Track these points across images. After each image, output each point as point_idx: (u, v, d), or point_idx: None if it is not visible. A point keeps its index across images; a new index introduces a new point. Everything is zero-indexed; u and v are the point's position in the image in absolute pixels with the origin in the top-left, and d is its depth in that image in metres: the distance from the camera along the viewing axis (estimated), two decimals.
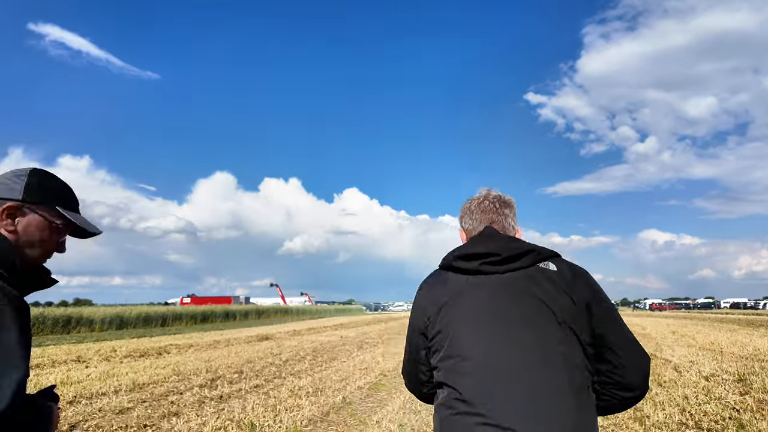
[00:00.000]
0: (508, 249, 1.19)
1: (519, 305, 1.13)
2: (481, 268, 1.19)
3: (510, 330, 1.11)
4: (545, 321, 1.11)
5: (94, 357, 10.67)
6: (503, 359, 1.09)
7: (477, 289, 1.18)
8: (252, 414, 5.07)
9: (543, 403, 1.04)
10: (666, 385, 6.44)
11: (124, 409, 5.40)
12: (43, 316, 20.08)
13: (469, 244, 1.27)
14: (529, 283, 1.15)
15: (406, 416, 4.96)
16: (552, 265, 1.19)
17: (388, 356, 10.49)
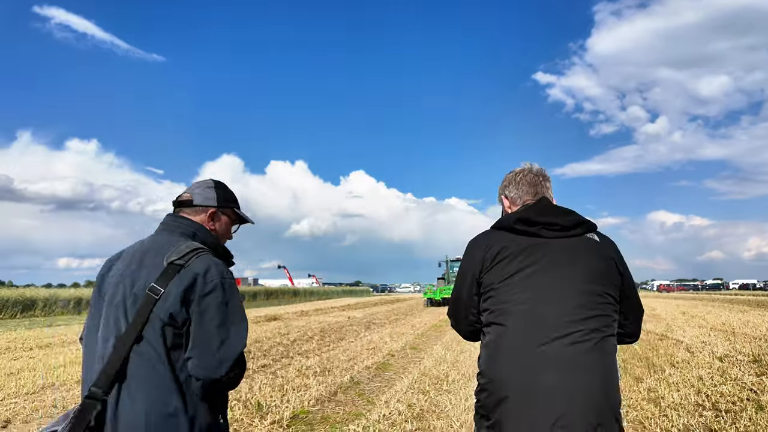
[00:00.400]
0: (566, 220, 1.42)
1: (568, 266, 1.36)
2: (540, 232, 1.39)
3: (558, 283, 1.34)
4: (589, 279, 1.35)
5: None
6: (548, 305, 1.31)
7: (534, 249, 1.38)
8: (259, 394, 5.03)
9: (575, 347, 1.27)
10: (679, 365, 6.32)
11: None
12: (54, 297, 20.35)
13: (528, 210, 1.46)
14: (578, 248, 1.39)
15: (415, 396, 4.89)
16: (596, 237, 1.44)
17: (395, 336, 10.47)
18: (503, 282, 1.36)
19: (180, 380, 1.21)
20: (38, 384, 5.54)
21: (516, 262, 1.37)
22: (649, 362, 6.63)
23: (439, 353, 7.73)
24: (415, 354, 8.12)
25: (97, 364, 1.21)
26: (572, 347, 1.27)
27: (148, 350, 1.19)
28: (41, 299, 19.83)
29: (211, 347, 1.21)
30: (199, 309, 1.23)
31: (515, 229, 1.42)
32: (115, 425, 1.16)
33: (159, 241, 1.34)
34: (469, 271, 1.46)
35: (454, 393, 4.98)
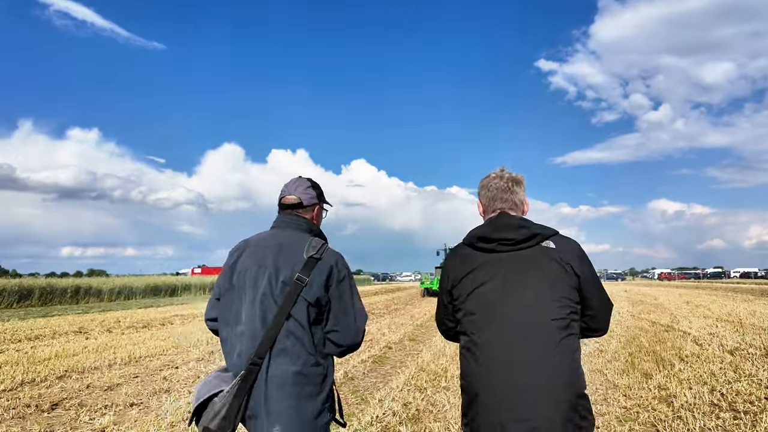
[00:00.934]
0: (519, 234, 1.54)
1: (525, 274, 1.49)
2: (496, 248, 1.55)
3: (516, 292, 1.47)
4: (543, 285, 1.47)
5: (96, 328, 10.53)
6: (510, 312, 1.46)
7: (493, 263, 1.54)
8: None
9: (533, 344, 1.42)
10: (689, 360, 6.04)
11: (114, 386, 5.13)
12: (51, 287, 20.14)
13: (487, 227, 1.60)
14: (532, 258, 1.52)
15: (411, 394, 4.63)
16: (552, 243, 1.54)
17: (394, 327, 10.22)
18: (470, 294, 1.53)
19: (317, 348, 1.57)
20: (17, 380, 5.28)
21: (479, 276, 1.53)
22: (657, 356, 6.36)
23: (439, 346, 7.47)
24: (414, 346, 7.86)
25: (250, 339, 1.53)
26: (535, 349, 1.41)
27: (295, 326, 1.53)
28: (38, 288, 19.63)
29: (350, 321, 1.61)
30: (338, 292, 1.60)
31: (476, 246, 1.59)
32: (268, 382, 1.49)
33: (291, 237, 1.67)
34: (444, 284, 1.64)
35: (453, 391, 4.71)
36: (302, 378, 1.51)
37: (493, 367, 1.42)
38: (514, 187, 1.66)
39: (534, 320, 1.43)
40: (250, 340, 1.52)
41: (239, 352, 1.54)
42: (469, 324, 1.50)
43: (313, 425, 1.52)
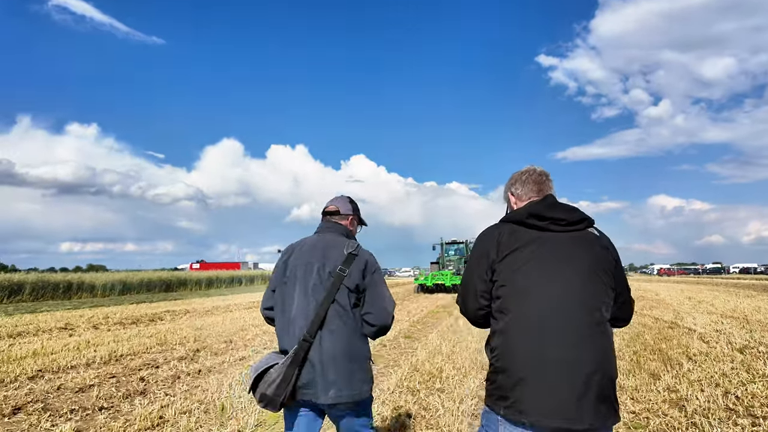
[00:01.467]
0: (572, 216, 1.57)
1: (573, 256, 1.51)
2: (548, 226, 1.54)
3: (565, 271, 1.48)
4: (591, 268, 1.50)
5: (82, 325, 10.21)
6: (558, 291, 1.45)
7: (543, 241, 1.53)
8: (227, 394, 4.45)
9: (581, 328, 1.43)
10: (697, 359, 5.73)
11: (86, 387, 4.81)
12: (42, 282, 19.81)
13: (538, 205, 1.59)
14: (581, 241, 1.55)
15: (403, 397, 4.31)
16: (595, 231, 1.60)
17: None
18: (516, 270, 1.49)
19: (357, 327, 1.88)
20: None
21: (527, 253, 1.50)
22: (663, 355, 6.05)
23: (434, 343, 7.15)
24: (409, 344, 7.55)
25: (303, 319, 1.83)
26: (580, 328, 1.41)
27: (339, 308, 1.84)
28: (29, 284, 19.30)
29: (382, 305, 1.91)
30: (372, 281, 1.92)
31: (526, 223, 1.55)
32: (321, 355, 1.78)
33: (332, 239, 2.01)
34: (483, 259, 1.57)
35: (447, 392, 4.39)
36: (348, 351, 1.82)
37: (544, 347, 1.40)
38: (548, 181, 1.72)
39: (584, 302, 1.44)
40: (303, 321, 1.83)
41: (292, 333, 1.84)
42: (514, 302, 1.48)
43: (360, 390, 1.84)
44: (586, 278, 1.47)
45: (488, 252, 1.55)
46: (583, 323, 1.42)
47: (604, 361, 1.41)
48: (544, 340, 1.40)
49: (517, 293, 1.47)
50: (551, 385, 1.37)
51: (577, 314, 1.42)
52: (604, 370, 1.41)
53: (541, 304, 1.44)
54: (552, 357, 1.39)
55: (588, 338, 1.41)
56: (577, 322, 1.42)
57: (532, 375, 1.39)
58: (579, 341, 1.40)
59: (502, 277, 1.50)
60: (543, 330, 1.41)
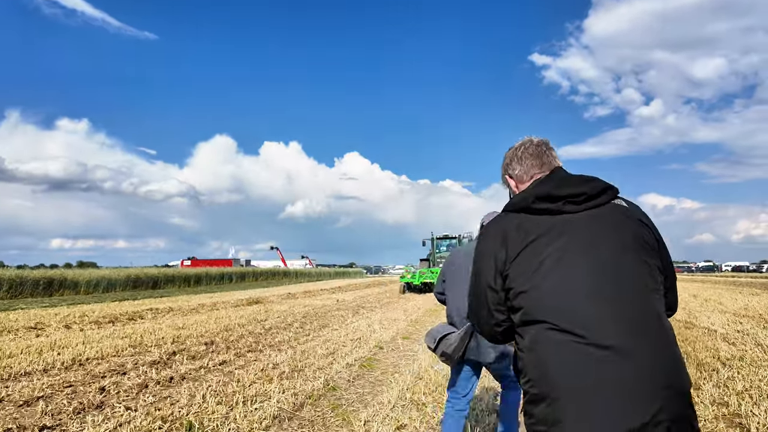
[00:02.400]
0: (590, 188, 1.21)
1: (607, 240, 1.16)
2: (564, 208, 1.20)
3: (602, 262, 1.14)
4: (634, 250, 1.16)
5: (53, 324, 9.44)
6: (599, 288, 1.11)
7: (563, 228, 1.18)
8: (199, 408, 3.76)
9: (643, 325, 1.09)
10: (731, 363, 5.13)
11: (33, 400, 4.09)
12: (21, 278, 18.92)
13: (546, 184, 1.24)
14: (611, 218, 1.19)
15: (407, 412, 3.65)
16: (623, 202, 1.24)
17: (386, 323, 9.26)
18: (536, 271, 1.15)
19: None
20: None
21: (546, 247, 1.16)
22: (692, 358, 5.45)
23: None
24: (408, 346, 6.90)
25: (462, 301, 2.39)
26: (636, 329, 1.08)
27: None
28: (6, 280, 18.40)
29: None
30: None
31: (534, 209, 1.22)
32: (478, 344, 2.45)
33: None
34: (489, 266, 1.23)
35: None
36: None
37: (591, 362, 1.06)
38: (549, 150, 1.40)
39: (633, 293, 1.12)
40: (462, 302, 2.35)
41: (458, 310, 2.52)
42: (542, 311, 1.13)
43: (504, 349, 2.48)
44: (629, 263, 1.15)
45: (494, 254, 1.22)
46: (637, 321, 1.09)
47: (672, 369, 1.07)
48: (591, 353, 1.06)
49: (544, 300, 1.13)
50: (608, 413, 1.02)
51: (628, 311, 1.10)
52: (675, 383, 1.06)
53: (579, 308, 1.10)
54: (604, 374, 1.04)
55: (648, 340, 1.08)
56: (628, 322, 1.08)
57: (581, 402, 1.04)
58: (637, 347, 1.06)
59: (519, 283, 1.17)
60: (587, 341, 1.07)
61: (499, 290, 1.22)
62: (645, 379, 1.04)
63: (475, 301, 1.30)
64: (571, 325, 1.09)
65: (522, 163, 1.38)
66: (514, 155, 1.41)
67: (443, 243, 22.61)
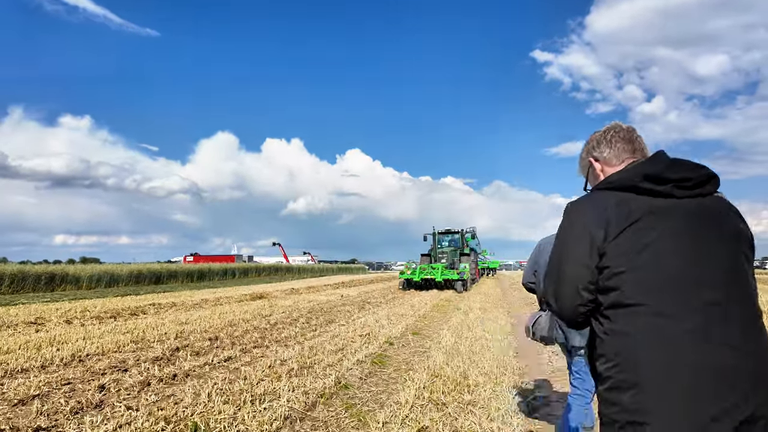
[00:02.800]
0: (698, 174, 1.18)
1: (714, 229, 1.15)
2: (672, 191, 1.16)
3: (706, 251, 1.12)
4: (738, 245, 1.15)
5: (54, 319, 9.24)
6: (701, 277, 1.09)
7: (670, 211, 1.15)
8: (204, 408, 3.53)
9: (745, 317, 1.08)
10: None
11: (29, 398, 3.87)
12: (23, 273, 18.75)
13: (654, 165, 1.20)
14: (717, 209, 1.18)
15: (426, 413, 3.41)
16: (723, 196, 1.23)
17: (394, 319, 9.02)
18: (639, 252, 1.11)
19: None
20: None
21: (650, 229, 1.12)
22: None
23: (449, 342, 6.27)
24: (419, 342, 6.66)
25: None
26: (738, 327, 1.06)
27: None
28: (8, 275, 18.23)
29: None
30: None
31: (640, 188, 1.17)
32: None
33: None
34: (584, 241, 1.17)
35: (483, 407, 3.51)
36: None
37: (692, 350, 1.03)
38: (639, 137, 1.37)
39: (740, 288, 1.10)
40: None
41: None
42: (642, 294, 1.08)
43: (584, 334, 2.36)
44: (734, 256, 1.12)
45: (591, 231, 1.17)
46: (739, 313, 1.07)
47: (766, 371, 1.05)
48: (690, 341, 1.04)
49: (644, 282, 1.10)
50: (706, 405, 1.00)
51: (732, 302, 1.07)
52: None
53: (681, 294, 1.07)
54: (703, 364, 1.02)
55: (751, 333, 1.07)
56: (731, 313, 1.06)
57: (680, 391, 1.02)
58: (740, 339, 1.05)
59: (618, 262, 1.13)
60: (686, 328, 1.04)
61: (592, 268, 1.16)
62: (747, 373, 1.02)
63: (558, 280, 1.23)
64: (670, 310, 1.06)
65: (613, 146, 1.35)
66: (602, 138, 1.38)
67: (445, 238, 21.74)
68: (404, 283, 18.28)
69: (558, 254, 1.25)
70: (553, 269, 1.26)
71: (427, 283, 17.84)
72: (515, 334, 7.64)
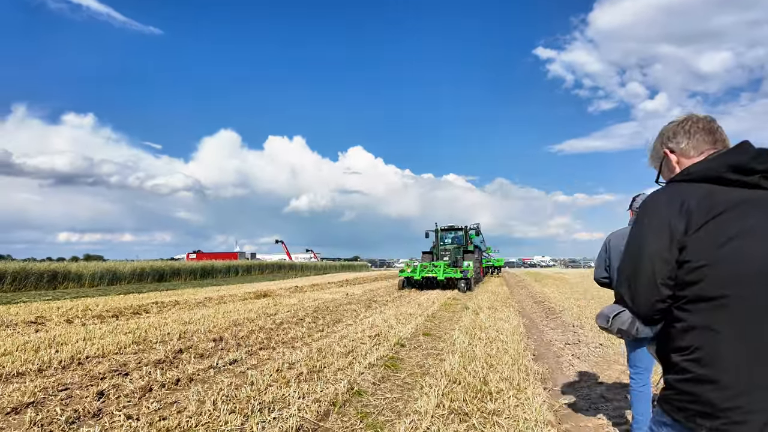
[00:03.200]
0: None
1: None
2: (760, 182, 1.13)
3: None
4: None
5: (55, 318, 9.03)
6: None
7: (758, 204, 1.11)
8: (209, 418, 3.29)
9: None
10: None
11: (23, 406, 3.63)
12: (25, 271, 18.58)
13: (740, 155, 1.16)
14: None
15: (451, 424, 3.16)
16: None
17: (402, 318, 8.77)
18: (724, 244, 1.08)
19: None
20: None
21: (735, 222, 1.09)
22: None
23: (463, 344, 6.02)
24: (431, 344, 6.41)
25: None
26: None
27: None
28: (11, 273, 18.07)
29: None
30: None
31: (725, 179, 1.14)
32: None
33: None
34: (664, 234, 1.15)
35: (509, 417, 3.25)
36: None
37: None
38: (720, 128, 1.31)
39: None
40: None
41: None
42: (729, 287, 1.06)
43: None
44: None
45: (671, 223, 1.12)
46: None
47: None
48: None
49: (729, 275, 1.06)
50: None
51: None
52: None
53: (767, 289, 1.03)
54: None
55: None
56: None
57: (764, 391, 1.02)
58: None
59: (700, 256, 1.08)
60: None
61: (672, 261, 1.14)
62: None
63: (635, 275, 1.20)
64: (756, 305, 1.05)
65: (691, 137, 1.31)
66: (680, 129, 1.34)
67: (448, 235, 20.92)
68: (404, 281, 17.13)
69: (635, 248, 1.21)
70: (629, 264, 1.22)
71: (428, 281, 16.87)
72: (530, 335, 7.38)
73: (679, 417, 1.12)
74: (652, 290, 1.16)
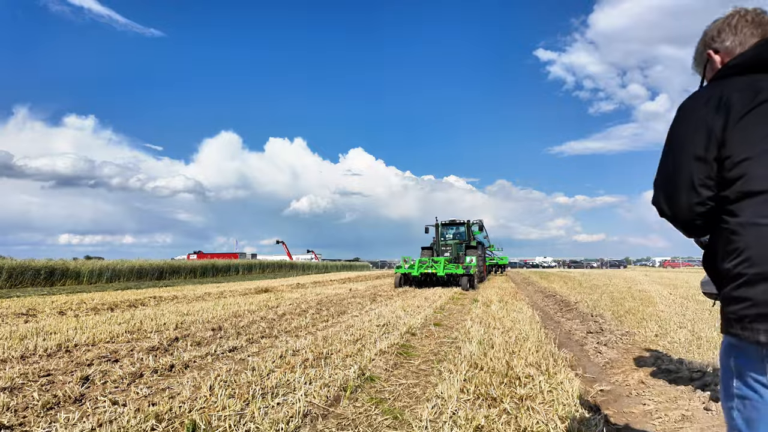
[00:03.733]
0: None
1: None
2: None
3: None
4: None
5: (46, 310, 8.65)
6: None
7: None
8: (205, 403, 2.91)
9: None
10: None
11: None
12: (22, 268, 18.22)
13: None
14: None
15: (479, 409, 2.77)
16: None
17: (410, 310, 8.38)
18: (765, 137, 1.03)
19: None
20: None
21: None
22: None
23: (478, 332, 5.63)
24: (444, 333, 6.02)
25: None
26: None
27: None
28: (6, 269, 17.70)
29: None
30: None
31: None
32: None
33: None
34: (697, 135, 1.10)
35: (544, 401, 2.86)
36: None
37: None
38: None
39: None
40: None
41: None
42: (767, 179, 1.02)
43: None
44: None
45: (707, 121, 1.07)
46: None
47: None
48: None
49: None
50: None
51: None
52: None
53: None
54: None
55: None
56: None
57: None
58: None
59: (742, 149, 1.04)
60: None
61: (710, 161, 1.08)
62: None
63: (671, 178, 1.14)
64: None
65: (738, 32, 1.21)
66: (725, 25, 1.24)
67: (450, 230, 19.60)
68: (400, 278, 15.43)
69: (670, 151, 1.16)
70: (665, 168, 1.17)
71: (427, 278, 15.61)
72: (547, 326, 7.00)
73: (737, 330, 1.04)
74: (690, 193, 1.10)
